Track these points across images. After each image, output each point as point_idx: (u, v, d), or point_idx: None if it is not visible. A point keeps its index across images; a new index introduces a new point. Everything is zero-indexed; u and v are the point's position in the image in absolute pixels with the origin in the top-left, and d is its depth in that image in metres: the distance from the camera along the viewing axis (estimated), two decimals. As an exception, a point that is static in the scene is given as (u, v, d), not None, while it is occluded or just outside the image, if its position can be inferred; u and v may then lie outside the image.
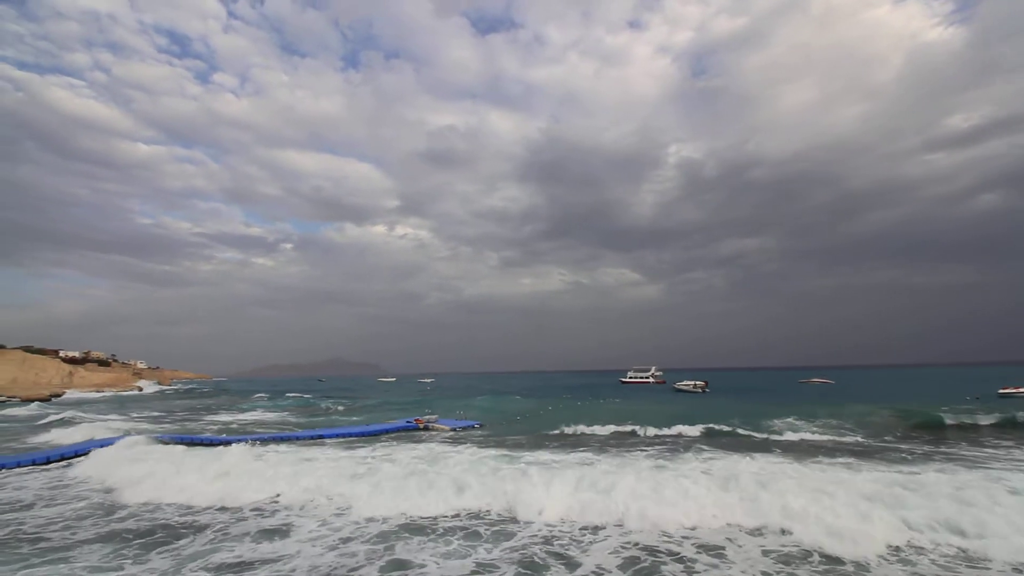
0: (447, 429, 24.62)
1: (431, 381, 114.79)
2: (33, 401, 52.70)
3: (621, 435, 22.25)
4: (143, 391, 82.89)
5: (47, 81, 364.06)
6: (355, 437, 22.65)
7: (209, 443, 20.51)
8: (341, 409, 38.86)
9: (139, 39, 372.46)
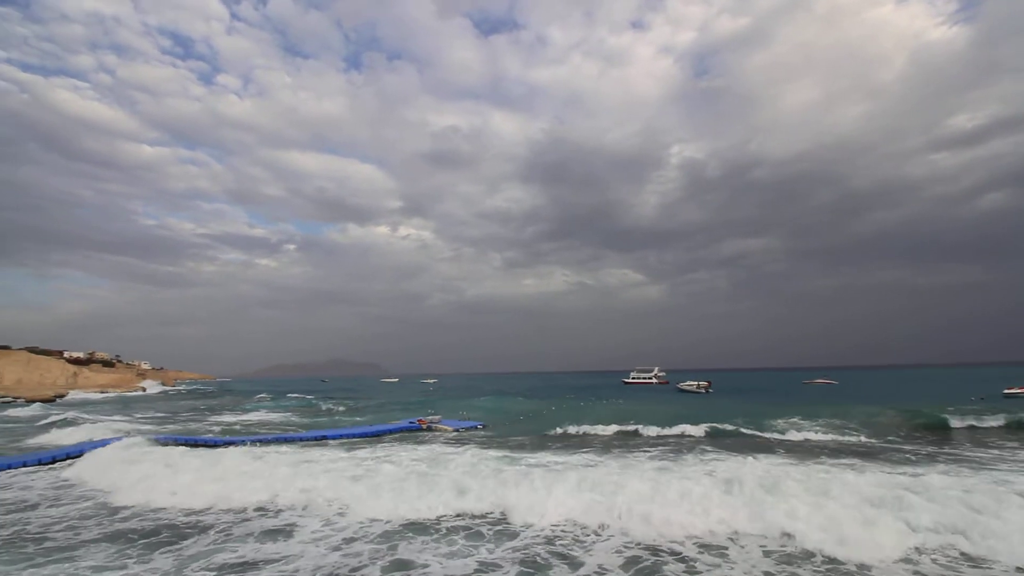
0: (450, 430, 24.64)
1: (434, 382, 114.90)
2: (35, 402, 52.64)
3: (624, 435, 22.22)
4: (147, 392, 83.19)
5: (51, 83, 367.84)
6: (358, 438, 22.67)
7: (210, 444, 20.55)
8: (344, 410, 38.88)
9: (143, 41, 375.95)
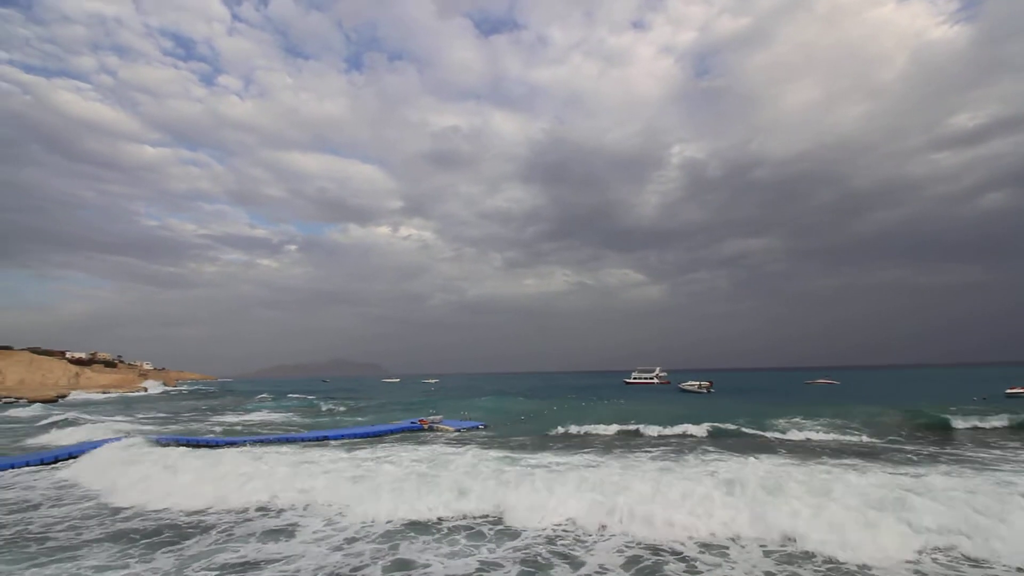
0: (451, 430, 24.65)
1: (435, 382, 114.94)
2: (36, 402, 52.64)
3: (625, 436, 22.21)
4: (148, 392, 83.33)
5: (54, 84, 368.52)
6: (359, 438, 22.69)
7: (212, 444, 20.58)
8: (345, 410, 38.92)
9: (145, 42, 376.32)
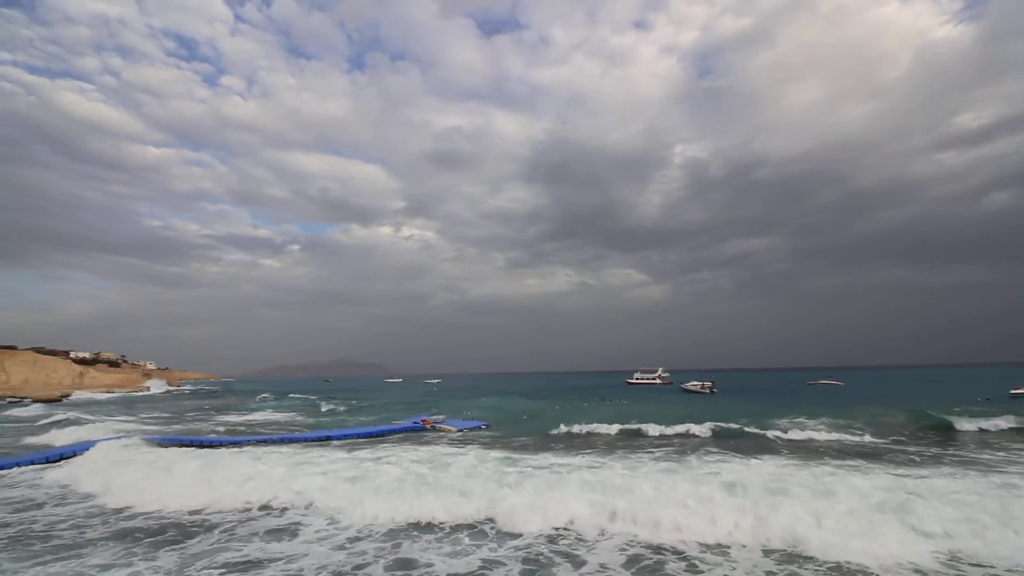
0: (454, 430, 24.67)
1: (438, 382, 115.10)
2: (38, 402, 52.81)
3: (627, 436, 22.18)
4: (151, 392, 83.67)
5: (57, 85, 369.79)
6: (362, 438, 22.74)
7: (212, 444, 20.65)
8: (347, 410, 39.00)
9: (148, 43, 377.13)
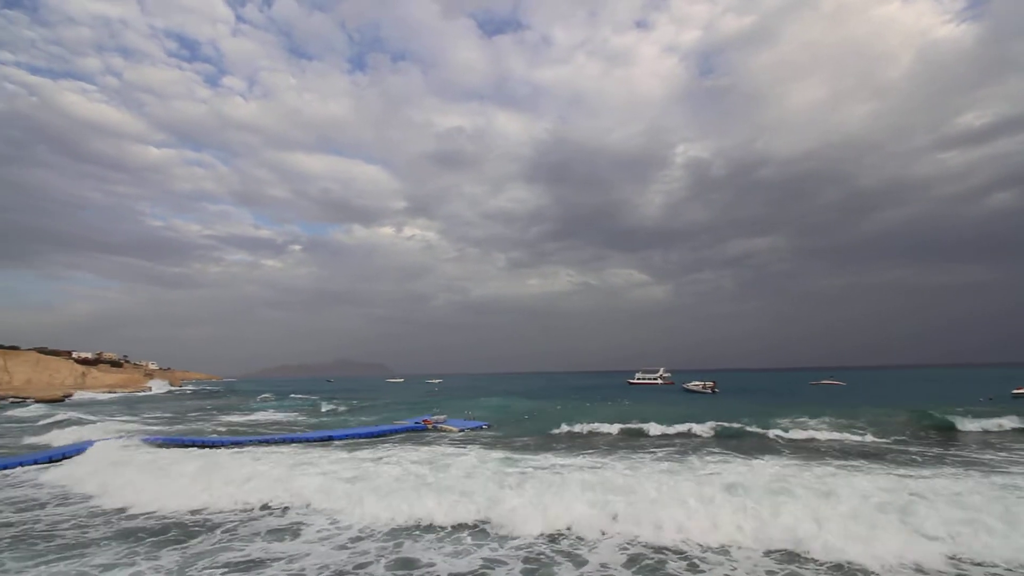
0: (455, 430, 24.69)
1: (439, 382, 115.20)
2: (39, 402, 52.84)
3: (629, 436, 22.18)
4: (153, 392, 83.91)
5: (59, 86, 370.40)
6: (363, 438, 22.77)
7: (214, 444, 20.70)
8: (348, 410, 39.05)
9: (150, 44, 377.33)
